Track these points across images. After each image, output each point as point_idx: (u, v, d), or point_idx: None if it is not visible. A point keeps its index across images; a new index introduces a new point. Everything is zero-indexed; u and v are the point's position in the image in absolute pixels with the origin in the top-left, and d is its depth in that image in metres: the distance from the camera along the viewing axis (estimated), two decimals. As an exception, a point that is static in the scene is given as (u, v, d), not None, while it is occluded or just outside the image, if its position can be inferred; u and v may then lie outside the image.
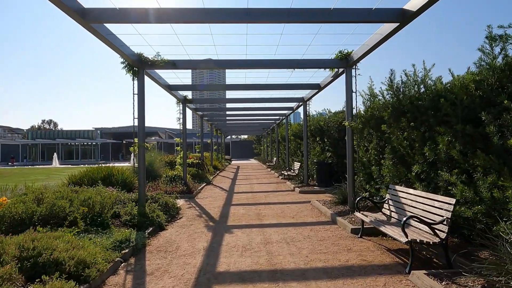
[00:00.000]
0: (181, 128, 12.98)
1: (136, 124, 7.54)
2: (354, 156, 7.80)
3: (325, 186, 11.95)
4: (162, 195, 8.45)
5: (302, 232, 6.21)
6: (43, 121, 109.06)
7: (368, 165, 8.38)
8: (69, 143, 59.35)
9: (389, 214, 5.51)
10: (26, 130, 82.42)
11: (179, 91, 11.55)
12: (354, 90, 7.77)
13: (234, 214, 8.15)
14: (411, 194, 5.03)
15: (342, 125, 12.20)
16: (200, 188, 13.01)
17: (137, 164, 7.63)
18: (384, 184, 7.39)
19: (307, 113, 13.08)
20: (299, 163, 15.38)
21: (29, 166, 42.53)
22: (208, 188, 13.85)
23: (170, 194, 11.16)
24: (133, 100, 7.51)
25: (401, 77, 7.13)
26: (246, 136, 67.05)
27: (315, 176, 14.22)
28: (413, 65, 6.48)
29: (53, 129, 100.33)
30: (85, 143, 59.61)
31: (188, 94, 12.92)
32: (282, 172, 16.98)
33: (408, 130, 6.24)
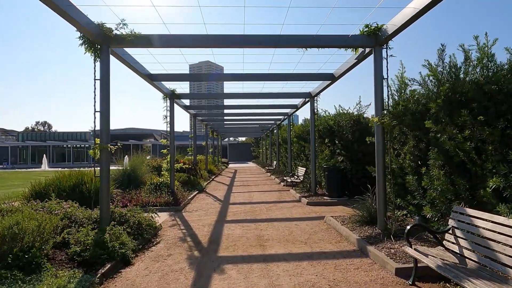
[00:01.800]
0: (168, 130, 11.11)
1: (98, 119, 5.68)
2: (385, 162, 5.96)
3: (337, 196, 10.12)
4: (136, 211, 6.57)
5: (324, 271, 4.35)
6: (37, 122, 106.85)
7: (400, 174, 6.56)
8: (61, 145, 57.42)
9: (458, 251, 3.67)
10: (19, 132, 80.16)
11: (162, 82, 9.68)
12: (385, 77, 5.95)
13: (228, 236, 6.29)
14: (505, 225, 3.19)
15: (358, 124, 10.41)
16: (190, 197, 11.14)
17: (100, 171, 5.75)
18: (426, 200, 5.57)
19: (315, 110, 11.26)
20: (304, 168, 13.55)
21: (12, 170, 40.28)
22: (200, 197, 11.98)
23: (153, 206, 9.32)
24: (94, 88, 5.66)
25: (450, 58, 5.36)
26: (244, 139, 65.28)
27: (323, 184, 12.39)
28: (476, 37, 4.69)
29: (47, 130, 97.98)
30: (77, 145, 57.62)
31: (184, 89, 11.09)
32: (285, 178, 15.15)
33: (473, 127, 4.43)
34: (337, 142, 10.94)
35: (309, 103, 11.57)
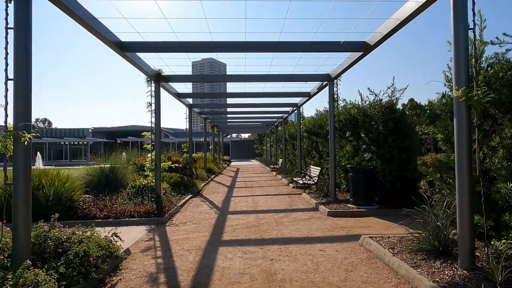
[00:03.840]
0: (153, 121, 8.97)
1: (12, 90, 3.53)
2: (472, 161, 3.77)
3: (364, 204, 7.94)
4: (89, 232, 4.45)
5: None
6: (37, 119, 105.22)
7: (480, 179, 4.37)
8: (58, 142, 55.74)
9: None
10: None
11: (141, 57, 7.51)
12: (471, 26, 3.76)
13: (223, 273, 4.15)
14: None
15: (391, 113, 8.21)
16: (180, 204, 9.02)
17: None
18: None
19: (335, 96, 9.07)
20: (318, 168, 11.39)
21: None
22: (193, 203, 9.84)
23: (130, 217, 7.24)
24: (6, 43, 3.51)
25: None
26: (247, 136, 63.31)
27: (342, 188, 10.24)
28: None
29: (47, 127, 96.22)
30: (74, 142, 55.92)
31: (176, 72, 8.93)
32: (294, 179, 12.97)
33: None
34: (363, 135, 8.75)
35: (327, 87, 9.39)
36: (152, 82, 8.91)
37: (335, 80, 9.06)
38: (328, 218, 7.30)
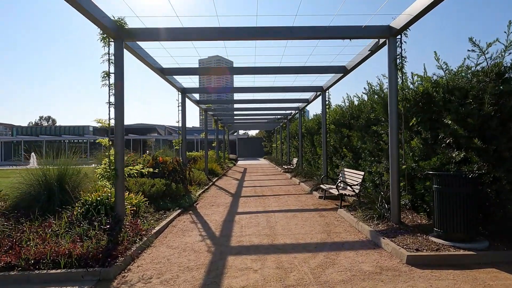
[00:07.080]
0: (111, 101, 5.71)
1: None
2: None
3: (465, 238, 4.56)
4: None
5: None
6: (41, 117, 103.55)
7: None
8: (57, 140, 53.36)
9: None
10: (14, 126, 76.43)
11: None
12: None
13: None
14: None
15: (506, 82, 4.77)
16: (156, 230, 5.75)
17: None
18: None
19: (398, 61, 5.70)
20: (360, 173, 8.01)
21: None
22: (179, 227, 6.54)
23: (51, 269, 4.00)
24: None
25: None
26: (255, 133, 60.03)
27: (406, 201, 6.80)
28: None
29: (51, 125, 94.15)
30: (73, 140, 53.42)
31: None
32: (321, 185, 9.59)
33: None
34: (449, 122, 5.33)
35: (385, 47, 6.01)
36: (111, 40, 5.65)
37: (399, 35, 5.67)
38: (414, 272, 3.93)
